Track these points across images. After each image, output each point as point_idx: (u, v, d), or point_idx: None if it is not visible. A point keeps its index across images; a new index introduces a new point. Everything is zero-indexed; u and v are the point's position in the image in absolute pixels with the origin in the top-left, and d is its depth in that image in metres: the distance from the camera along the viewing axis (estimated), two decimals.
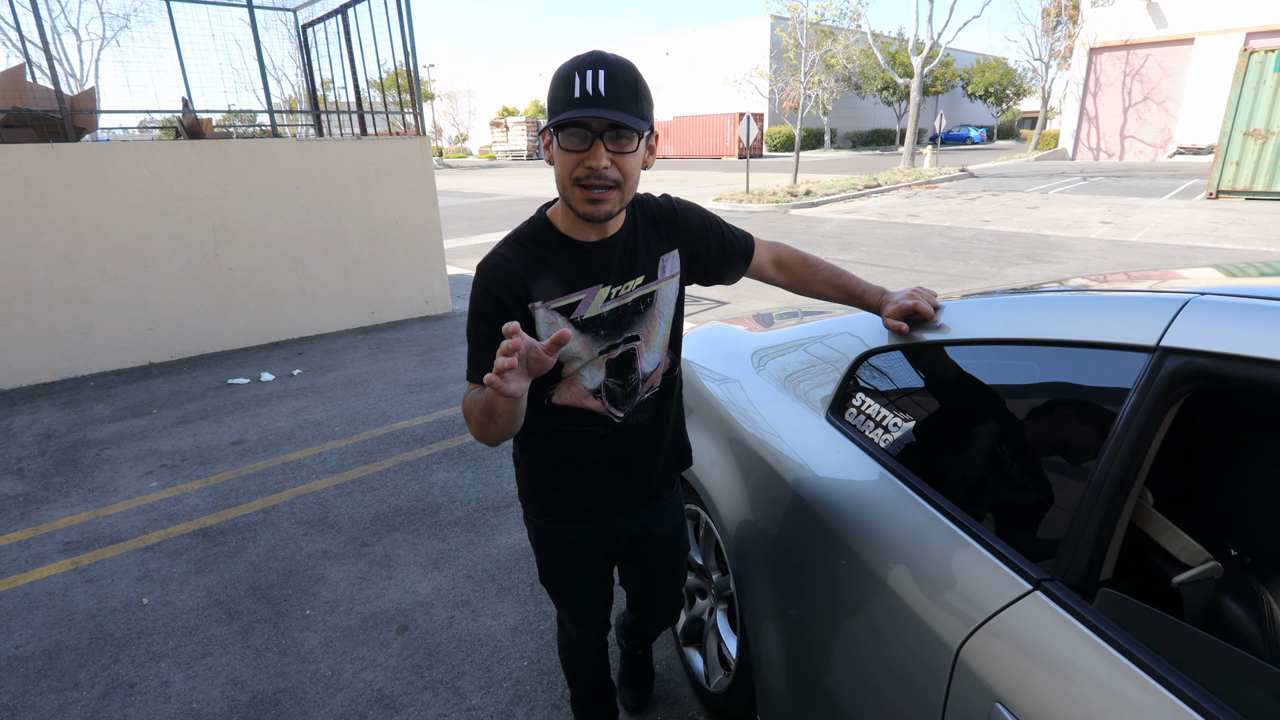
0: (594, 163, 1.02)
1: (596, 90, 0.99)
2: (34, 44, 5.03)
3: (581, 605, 1.50)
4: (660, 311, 1.25)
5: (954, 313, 1.32)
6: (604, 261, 1.18)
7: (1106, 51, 25.55)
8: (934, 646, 1.00)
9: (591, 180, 1.04)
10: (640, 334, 1.23)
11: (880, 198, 15.49)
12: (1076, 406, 1.03)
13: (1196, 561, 0.88)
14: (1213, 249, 8.35)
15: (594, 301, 1.17)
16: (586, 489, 1.33)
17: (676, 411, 1.40)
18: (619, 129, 1.02)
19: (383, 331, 6.02)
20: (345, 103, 6.92)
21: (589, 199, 1.06)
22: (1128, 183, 16.82)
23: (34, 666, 2.14)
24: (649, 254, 1.23)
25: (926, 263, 8.06)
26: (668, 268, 1.26)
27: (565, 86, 1.01)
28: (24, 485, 3.34)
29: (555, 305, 1.15)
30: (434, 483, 3.25)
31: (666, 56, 45.41)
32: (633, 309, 1.22)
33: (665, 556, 1.52)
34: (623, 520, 1.39)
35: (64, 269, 4.77)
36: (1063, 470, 1.02)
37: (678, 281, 1.28)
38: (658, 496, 1.43)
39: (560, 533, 1.39)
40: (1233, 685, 0.73)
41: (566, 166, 1.05)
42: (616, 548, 1.43)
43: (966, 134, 45.00)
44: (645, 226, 1.24)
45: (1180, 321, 0.89)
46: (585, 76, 1.00)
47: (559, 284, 1.15)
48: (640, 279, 1.21)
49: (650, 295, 1.23)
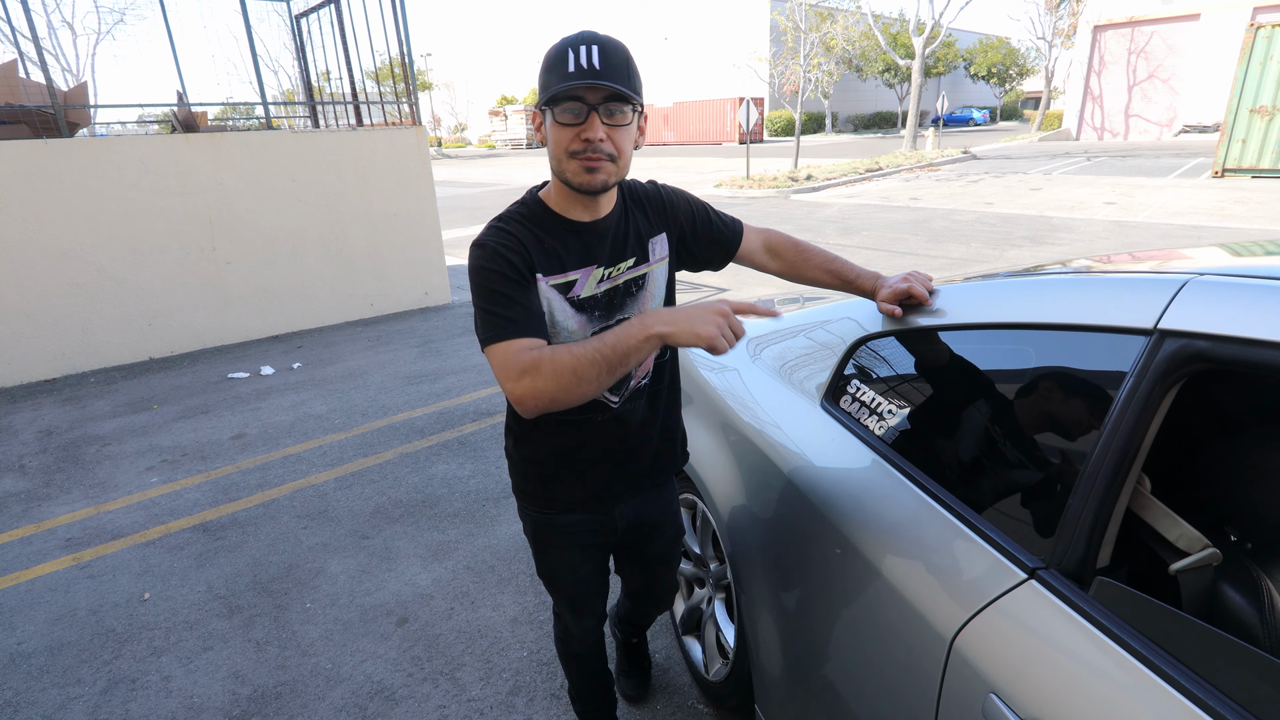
0: (590, 134, 1.02)
1: (591, 64, 1.00)
2: (25, 37, 5.00)
3: (580, 597, 1.50)
4: (652, 294, 1.25)
5: (950, 297, 1.30)
6: (597, 242, 1.17)
7: (1111, 29, 25.21)
8: (928, 635, 0.98)
9: (589, 152, 1.04)
10: (632, 316, 1.22)
11: (882, 181, 15.37)
12: (1073, 391, 1.01)
13: (1195, 548, 0.87)
14: (1218, 228, 8.26)
15: (589, 282, 1.17)
16: (586, 479, 1.33)
17: (670, 399, 1.39)
18: (614, 101, 1.02)
19: (382, 324, 6.01)
20: (341, 94, 6.87)
21: (586, 167, 1.05)
22: (1132, 162, 16.65)
23: (36, 662, 2.15)
24: (639, 236, 1.23)
25: (928, 246, 8.00)
26: (657, 250, 1.26)
27: (559, 63, 1.01)
28: (26, 482, 3.35)
29: (554, 282, 1.14)
30: (434, 474, 3.25)
31: (665, 41, 45.00)
32: (624, 291, 1.21)
33: (662, 542, 1.52)
34: (620, 509, 1.39)
35: (62, 265, 4.77)
36: (1059, 456, 1.00)
37: (667, 265, 1.28)
38: (656, 484, 1.43)
39: (558, 525, 1.38)
40: (1231, 676, 0.71)
41: (562, 140, 1.04)
42: (613, 537, 1.43)
43: (969, 115, 44.56)
44: (634, 209, 1.25)
45: (1178, 303, 0.86)
46: (579, 52, 1.00)
47: (556, 261, 1.14)
48: (631, 261, 1.21)
49: (642, 278, 1.23)
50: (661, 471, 1.43)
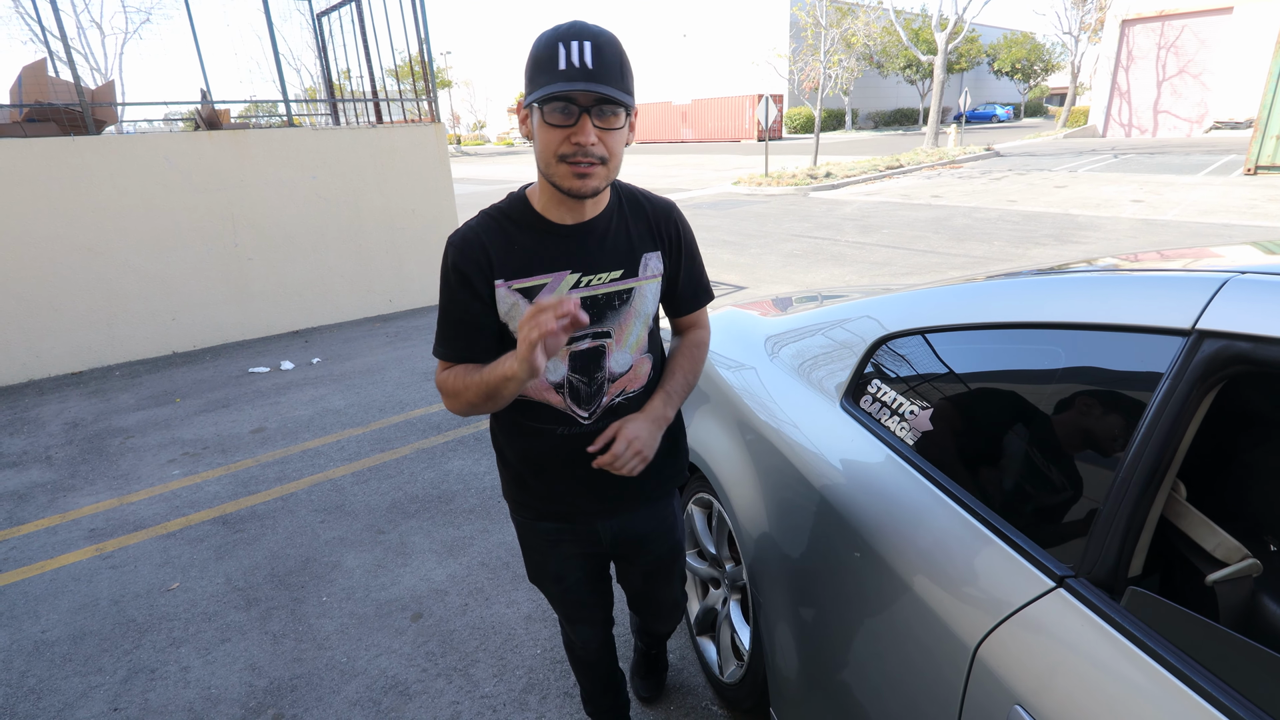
0: (581, 139, 0.98)
1: (583, 62, 0.95)
2: (54, 36, 5.09)
3: (570, 604, 1.46)
4: (636, 310, 1.18)
5: (975, 295, 1.26)
6: (575, 247, 1.12)
7: (1140, 23, 24.68)
8: (951, 644, 0.96)
9: (579, 156, 0.99)
10: (612, 331, 1.17)
11: (903, 179, 15.19)
12: (1105, 394, 0.98)
13: (1233, 559, 0.83)
14: (1251, 227, 8.05)
15: (559, 288, 1.12)
16: (551, 492, 1.27)
17: (673, 421, 1.31)
18: (606, 104, 0.98)
19: (400, 320, 6.05)
20: (361, 92, 6.92)
21: (576, 173, 1.01)
22: (1161, 159, 16.29)
23: (59, 651, 2.18)
24: (632, 249, 1.17)
25: (949, 245, 7.89)
26: (650, 266, 1.19)
27: (549, 58, 0.96)
28: (52, 473, 3.41)
29: (517, 286, 1.11)
30: (449, 470, 3.25)
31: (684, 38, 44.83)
32: (605, 303, 1.15)
33: (654, 557, 1.43)
34: (603, 524, 1.32)
35: (88, 260, 4.85)
36: (1089, 461, 0.97)
37: (659, 283, 1.21)
38: (636, 506, 1.33)
39: (537, 531, 1.34)
40: (1271, 691, 0.68)
41: (551, 143, 1.00)
42: (599, 548, 1.37)
43: (992, 112, 43.93)
44: (634, 219, 1.18)
45: (1219, 302, 0.83)
46: (570, 48, 0.95)
47: (523, 263, 1.11)
48: (618, 273, 1.15)
49: (627, 292, 1.17)
50: (649, 492, 1.33)
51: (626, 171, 19.26)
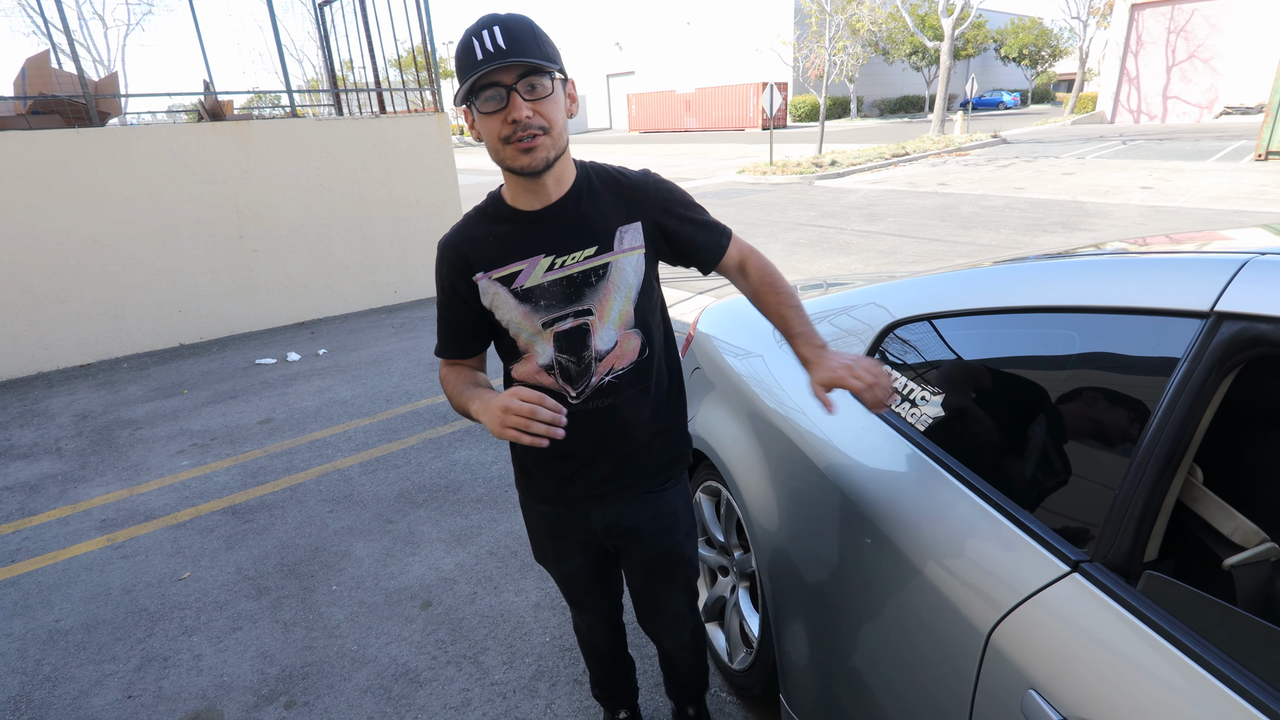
0: (515, 115, 1.01)
1: (497, 45, 0.99)
2: (57, 28, 5.08)
3: (571, 589, 1.48)
4: (615, 284, 1.17)
5: (986, 280, 1.25)
6: (545, 230, 1.15)
7: (1149, 7, 24.35)
8: (964, 629, 0.95)
9: (519, 133, 1.02)
10: (593, 308, 1.16)
11: (909, 166, 15.08)
12: (1121, 377, 0.97)
13: (1251, 542, 0.82)
14: (1262, 212, 7.97)
15: (535, 271, 1.15)
16: (546, 476, 1.30)
17: (665, 403, 1.30)
18: (529, 75, 1.01)
19: (405, 310, 6.05)
20: (364, 82, 6.89)
21: (521, 149, 1.04)
22: (1170, 145, 16.13)
23: (73, 640, 2.21)
24: (604, 224, 1.17)
25: (956, 233, 7.83)
26: (626, 239, 1.18)
27: (467, 55, 1.01)
28: (62, 465, 3.44)
29: (496, 275, 1.16)
30: (456, 460, 3.26)
31: (688, 26, 44.50)
32: (581, 281, 1.16)
33: (651, 554, 1.38)
34: (595, 512, 1.32)
35: (94, 253, 4.86)
36: (1104, 445, 0.96)
37: (641, 256, 1.19)
38: (636, 493, 1.31)
39: (537, 513, 1.38)
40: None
41: (492, 130, 1.04)
42: (595, 538, 1.36)
43: (999, 99, 43.45)
44: (606, 196, 1.18)
45: (1238, 283, 0.81)
46: (483, 38, 1.00)
47: (500, 254, 1.16)
48: (591, 250, 1.15)
49: (603, 267, 1.16)
50: (642, 481, 1.31)
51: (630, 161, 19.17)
